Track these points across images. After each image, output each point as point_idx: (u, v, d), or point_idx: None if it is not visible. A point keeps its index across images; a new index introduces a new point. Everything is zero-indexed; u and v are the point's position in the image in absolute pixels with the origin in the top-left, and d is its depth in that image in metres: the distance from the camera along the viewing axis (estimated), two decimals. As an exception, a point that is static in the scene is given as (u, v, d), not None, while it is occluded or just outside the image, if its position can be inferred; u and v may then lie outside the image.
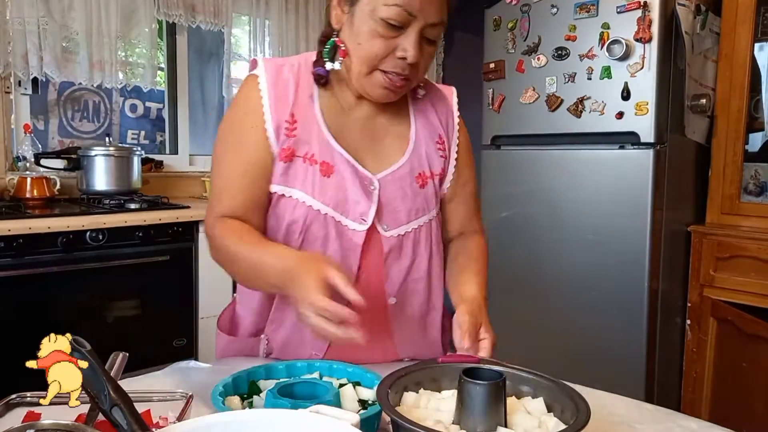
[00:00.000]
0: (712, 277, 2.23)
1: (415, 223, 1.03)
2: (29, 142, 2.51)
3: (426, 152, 1.06)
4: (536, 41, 2.44)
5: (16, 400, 0.81)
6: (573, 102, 2.33)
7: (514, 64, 2.52)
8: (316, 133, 0.98)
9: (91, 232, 2.12)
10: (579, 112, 2.32)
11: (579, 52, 2.31)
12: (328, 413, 0.62)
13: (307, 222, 0.97)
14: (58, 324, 0.72)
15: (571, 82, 2.34)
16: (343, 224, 0.98)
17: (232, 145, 0.99)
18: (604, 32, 2.23)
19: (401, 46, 0.90)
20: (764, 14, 2.28)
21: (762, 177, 2.34)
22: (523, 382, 0.79)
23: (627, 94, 2.18)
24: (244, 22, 3.27)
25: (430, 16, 0.89)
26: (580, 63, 2.31)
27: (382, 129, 1.04)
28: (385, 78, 0.93)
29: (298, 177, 0.97)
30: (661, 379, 2.26)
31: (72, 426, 0.63)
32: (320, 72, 0.99)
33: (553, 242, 2.42)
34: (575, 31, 2.32)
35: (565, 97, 2.36)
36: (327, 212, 0.97)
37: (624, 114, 2.19)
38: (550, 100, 2.40)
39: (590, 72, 2.28)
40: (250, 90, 0.98)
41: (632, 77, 2.17)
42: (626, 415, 0.84)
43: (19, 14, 2.40)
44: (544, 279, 2.44)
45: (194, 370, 1.02)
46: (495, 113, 2.61)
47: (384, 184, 1.00)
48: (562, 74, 2.36)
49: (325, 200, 0.97)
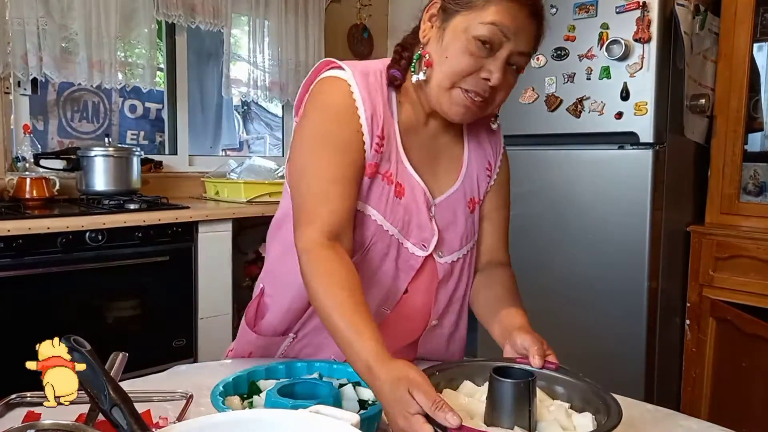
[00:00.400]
0: (711, 277, 2.23)
1: (465, 248, 1.05)
2: (29, 143, 2.51)
3: (477, 177, 1.07)
4: (536, 41, 2.44)
5: (16, 400, 0.82)
6: (572, 102, 2.33)
7: (513, 64, 2.52)
8: (395, 151, 0.97)
9: (91, 233, 2.12)
10: (578, 113, 2.32)
11: (578, 52, 2.31)
12: (328, 413, 0.62)
13: (373, 240, 0.96)
14: (58, 324, 0.72)
15: (571, 82, 2.34)
16: (404, 246, 0.98)
17: (327, 149, 0.92)
18: (603, 32, 2.24)
19: (487, 68, 0.90)
20: (763, 14, 2.29)
21: (761, 177, 2.34)
22: (557, 383, 0.80)
23: (626, 95, 2.18)
24: (243, 23, 3.27)
25: (521, 43, 0.90)
26: (580, 63, 2.31)
27: (440, 150, 1.04)
28: (466, 96, 0.91)
29: (374, 194, 0.95)
30: (660, 379, 2.26)
31: (72, 426, 0.63)
32: (395, 74, 0.97)
33: (553, 242, 2.42)
34: (574, 31, 2.32)
35: (564, 97, 2.36)
36: (393, 233, 0.97)
37: (623, 114, 2.20)
38: (550, 100, 2.40)
39: (589, 72, 2.28)
40: (342, 94, 0.93)
41: (631, 77, 2.17)
42: (626, 415, 0.84)
43: (19, 14, 2.40)
44: (544, 279, 2.44)
45: (194, 370, 1.02)
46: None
47: (440, 209, 1.01)
48: (562, 74, 2.36)
49: (394, 221, 0.97)
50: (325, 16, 3.42)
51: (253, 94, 3.25)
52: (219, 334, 2.51)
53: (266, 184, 2.76)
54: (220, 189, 2.84)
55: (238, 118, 4.33)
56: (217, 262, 2.47)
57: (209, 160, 3.24)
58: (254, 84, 3.22)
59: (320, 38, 3.39)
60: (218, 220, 2.48)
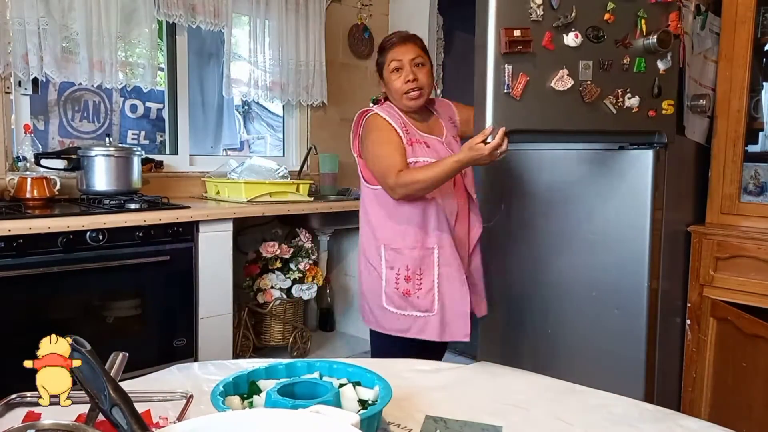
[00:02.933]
0: (711, 277, 2.23)
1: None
2: (29, 143, 2.51)
3: (449, 126, 1.95)
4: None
5: (16, 400, 0.82)
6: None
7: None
8: (415, 133, 1.84)
9: (91, 233, 2.12)
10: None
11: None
12: (328, 413, 0.62)
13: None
14: (58, 324, 0.72)
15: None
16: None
17: (387, 143, 1.77)
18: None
19: (405, 77, 1.79)
20: (764, 14, 2.28)
21: (762, 177, 2.34)
22: None
23: (627, 94, 2.17)
24: (244, 23, 3.27)
25: (410, 55, 1.80)
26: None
27: (431, 124, 1.91)
28: (409, 95, 1.81)
29: (418, 151, 1.79)
30: (660, 379, 2.26)
31: (72, 426, 0.63)
32: (392, 106, 1.90)
33: (552, 242, 2.42)
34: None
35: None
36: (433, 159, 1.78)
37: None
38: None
39: (590, 72, 2.27)
40: (381, 121, 1.80)
41: (632, 77, 2.16)
42: (626, 415, 0.84)
43: (19, 14, 2.40)
44: (544, 279, 2.44)
45: (194, 370, 1.02)
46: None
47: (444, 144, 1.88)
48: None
49: (432, 155, 1.79)
50: (325, 15, 3.43)
51: (254, 93, 3.25)
52: (219, 334, 2.51)
53: (267, 184, 2.76)
54: (220, 189, 2.85)
55: (239, 118, 4.33)
56: (217, 261, 2.47)
57: (210, 159, 3.24)
58: (255, 84, 3.22)
59: (321, 38, 3.39)
60: (219, 220, 2.48)
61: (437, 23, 3.60)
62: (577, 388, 0.93)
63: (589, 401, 0.89)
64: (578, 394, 0.91)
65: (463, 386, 0.93)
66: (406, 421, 0.79)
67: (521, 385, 0.93)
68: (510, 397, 0.88)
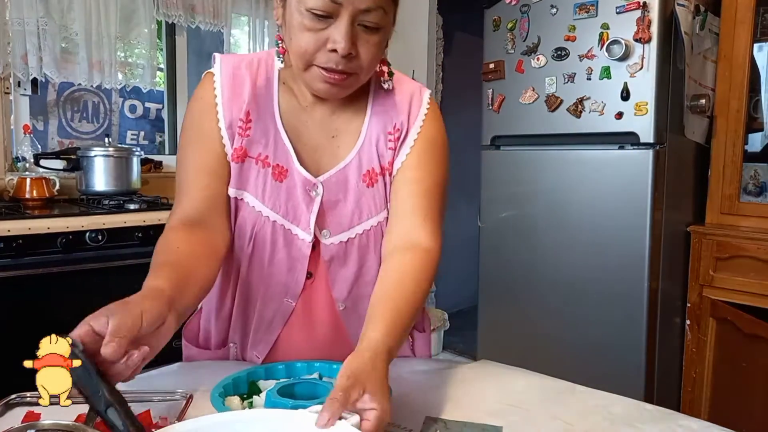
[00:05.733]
0: (711, 277, 2.23)
1: (360, 227, 0.96)
2: (29, 143, 2.51)
3: (377, 147, 0.96)
4: (536, 41, 2.44)
5: (16, 400, 0.81)
6: (573, 102, 2.33)
7: (513, 64, 2.52)
8: (273, 134, 0.93)
9: (91, 233, 2.12)
10: (579, 113, 2.32)
11: (578, 52, 2.31)
12: (328, 413, 0.62)
13: (255, 228, 0.94)
14: (57, 324, 0.72)
15: (571, 82, 2.34)
16: (293, 233, 0.95)
17: (190, 142, 0.94)
18: (603, 32, 2.23)
19: (332, 38, 0.81)
20: (763, 15, 2.29)
21: (761, 177, 2.34)
22: None
23: (626, 95, 2.18)
24: (243, 23, 3.27)
25: (358, 1, 0.80)
26: (580, 63, 2.31)
27: (339, 127, 0.96)
28: (322, 73, 0.85)
29: (250, 180, 0.93)
30: (660, 379, 2.26)
31: (72, 426, 0.63)
32: (278, 62, 0.94)
33: (553, 243, 2.42)
34: (574, 31, 2.32)
35: (564, 97, 2.36)
36: (276, 219, 0.93)
37: (623, 114, 2.20)
38: (550, 100, 2.40)
39: (590, 72, 2.28)
40: (206, 87, 0.94)
41: (632, 77, 2.17)
42: (626, 415, 0.84)
43: (19, 15, 2.40)
44: (544, 279, 2.44)
45: (194, 370, 1.02)
46: (495, 113, 2.61)
47: (327, 187, 0.94)
48: (562, 74, 2.36)
49: (276, 206, 0.93)
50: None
51: (253, 94, 3.25)
52: (219, 335, 2.50)
53: (266, 184, 2.76)
54: (220, 189, 2.84)
55: (238, 118, 4.33)
56: (217, 262, 2.47)
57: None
58: (254, 84, 3.21)
59: (320, 38, 3.39)
60: (218, 220, 2.47)
61: (437, 23, 3.59)
62: (577, 388, 0.92)
63: (589, 401, 0.89)
64: (578, 394, 0.91)
65: (463, 386, 0.93)
66: (406, 421, 0.79)
67: (521, 385, 0.93)
68: (510, 397, 0.88)
